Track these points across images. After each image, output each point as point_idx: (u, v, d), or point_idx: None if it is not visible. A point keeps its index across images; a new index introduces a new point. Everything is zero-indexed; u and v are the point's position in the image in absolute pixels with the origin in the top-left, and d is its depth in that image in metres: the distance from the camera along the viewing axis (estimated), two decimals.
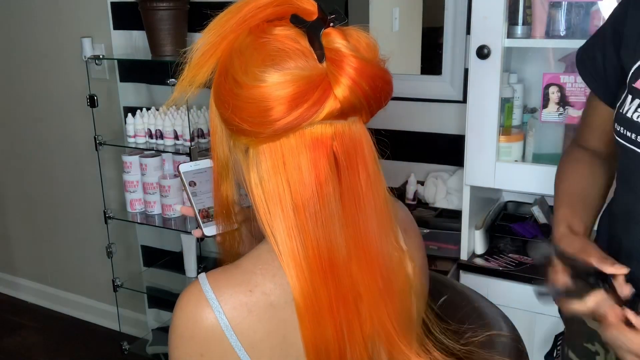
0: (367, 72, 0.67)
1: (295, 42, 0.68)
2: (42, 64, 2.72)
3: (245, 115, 0.68)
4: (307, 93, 0.65)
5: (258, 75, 0.66)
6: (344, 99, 0.66)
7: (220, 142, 0.76)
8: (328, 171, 0.69)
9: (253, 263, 0.73)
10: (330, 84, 0.66)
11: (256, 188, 0.71)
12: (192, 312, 0.70)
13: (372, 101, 0.69)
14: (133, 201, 2.27)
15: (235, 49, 0.71)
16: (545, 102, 1.60)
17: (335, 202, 0.70)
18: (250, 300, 0.70)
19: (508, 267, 1.66)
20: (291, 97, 0.65)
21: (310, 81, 0.66)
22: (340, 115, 0.68)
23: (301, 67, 0.66)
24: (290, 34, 0.68)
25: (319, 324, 0.70)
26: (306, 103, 0.65)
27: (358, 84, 0.66)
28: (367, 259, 0.72)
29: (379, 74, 0.69)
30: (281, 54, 0.67)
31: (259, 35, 0.69)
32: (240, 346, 0.70)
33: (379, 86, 0.69)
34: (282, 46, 0.67)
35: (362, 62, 0.66)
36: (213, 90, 0.74)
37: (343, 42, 0.66)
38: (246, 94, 0.67)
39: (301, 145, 0.68)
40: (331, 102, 0.66)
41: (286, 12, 0.70)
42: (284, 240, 0.69)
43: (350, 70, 0.65)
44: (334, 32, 0.67)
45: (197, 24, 2.07)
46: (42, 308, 3.14)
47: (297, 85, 0.65)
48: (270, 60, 0.67)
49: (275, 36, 0.68)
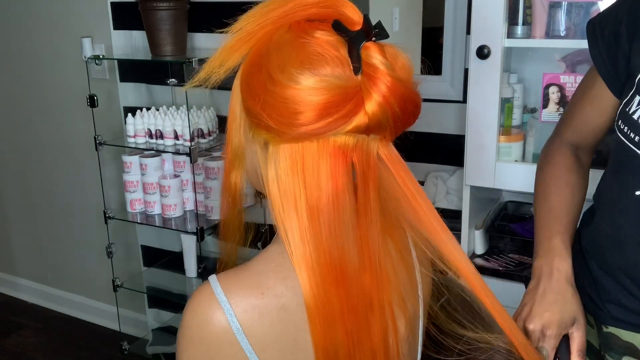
0: (399, 92, 0.66)
1: (335, 49, 0.67)
2: (42, 64, 2.72)
3: (274, 113, 0.67)
4: (340, 104, 0.65)
5: (294, 75, 0.65)
6: (373, 115, 0.66)
7: (237, 131, 0.75)
8: (345, 181, 0.69)
9: (264, 265, 0.73)
10: (362, 99, 0.65)
11: (273, 185, 0.70)
12: (203, 314, 0.70)
13: (399, 122, 0.68)
14: (133, 201, 2.27)
15: (274, 42, 0.70)
16: (545, 102, 1.61)
17: (351, 214, 0.69)
18: (262, 303, 0.70)
19: (508, 267, 1.66)
20: (323, 106, 0.65)
21: (345, 92, 0.65)
22: (365, 130, 0.67)
23: (337, 76, 0.65)
24: (331, 40, 0.67)
25: (330, 328, 0.70)
26: (337, 114, 0.65)
27: (389, 102, 0.66)
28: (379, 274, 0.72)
29: (411, 97, 0.68)
30: (320, 59, 0.66)
31: (299, 35, 0.68)
32: (251, 349, 0.69)
33: (408, 108, 0.68)
34: (322, 51, 0.67)
35: (397, 81, 0.66)
36: (242, 79, 0.72)
37: (381, 58, 0.66)
38: (279, 92, 0.66)
39: (323, 151, 0.67)
40: (360, 117, 0.65)
41: (330, 15, 0.69)
42: (297, 242, 0.69)
43: (384, 88, 0.65)
44: (373, 47, 0.66)
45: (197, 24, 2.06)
46: (42, 308, 3.14)
47: (331, 95, 0.64)
48: (308, 63, 0.66)
49: (316, 39, 0.67)
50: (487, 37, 1.56)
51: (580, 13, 1.54)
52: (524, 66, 1.77)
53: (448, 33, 1.93)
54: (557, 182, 1.06)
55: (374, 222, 0.71)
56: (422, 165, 2.06)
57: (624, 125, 0.92)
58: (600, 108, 1.02)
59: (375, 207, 0.71)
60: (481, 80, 1.59)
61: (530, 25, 1.60)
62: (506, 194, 1.93)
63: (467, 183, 1.69)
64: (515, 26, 1.60)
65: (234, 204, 0.83)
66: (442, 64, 1.96)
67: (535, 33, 1.59)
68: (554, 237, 1.02)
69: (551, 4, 1.55)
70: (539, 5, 1.56)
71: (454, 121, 1.98)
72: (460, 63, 1.93)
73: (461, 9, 1.88)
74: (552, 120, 1.60)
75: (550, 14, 1.57)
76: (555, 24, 1.57)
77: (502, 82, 1.59)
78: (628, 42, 0.94)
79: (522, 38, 1.61)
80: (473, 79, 1.61)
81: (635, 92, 0.91)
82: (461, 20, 1.90)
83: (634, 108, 0.90)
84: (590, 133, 1.07)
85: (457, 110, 1.96)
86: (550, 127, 1.64)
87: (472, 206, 1.71)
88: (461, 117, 1.82)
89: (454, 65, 1.94)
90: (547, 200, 1.07)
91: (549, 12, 1.56)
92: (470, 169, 1.67)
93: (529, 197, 1.86)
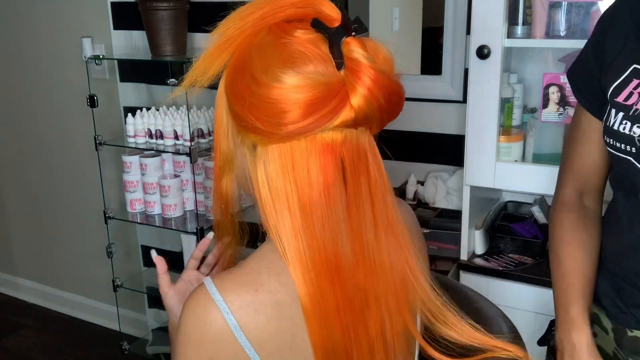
0: (383, 84, 0.67)
1: (317, 46, 0.68)
2: (42, 64, 2.72)
3: (261, 114, 0.67)
4: (325, 100, 0.65)
5: (278, 75, 0.66)
6: (359, 109, 0.66)
7: (224, 136, 0.76)
8: (336, 176, 0.69)
9: (257, 263, 0.73)
10: (347, 93, 0.66)
11: (263, 187, 0.70)
12: (200, 314, 0.70)
13: (384, 114, 0.69)
14: (133, 201, 2.27)
15: (255, 45, 0.70)
16: (545, 102, 1.61)
17: (342, 208, 0.70)
18: (256, 299, 0.70)
19: (508, 267, 1.66)
20: (308, 103, 0.65)
21: (329, 88, 0.66)
22: (353, 124, 0.68)
23: (321, 73, 0.66)
24: (312, 38, 0.68)
25: (326, 325, 0.70)
26: (323, 110, 0.66)
27: (374, 95, 0.66)
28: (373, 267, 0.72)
29: (394, 88, 0.69)
30: (302, 57, 0.67)
31: (280, 36, 0.69)
32: (250, 346, 0.69)
33: (393, 100, 0.69)
34: (303, 49, 0.67)
35: (380, 74, 0.66)
36: (226, 84, 0.73)
37: (362, 52, 0.66)
38: (264, 93, 0.67)
39: (311, 149, 0.68)
40: (346, 111, 0.66)
41: (307, 14, 0.69)
42: (290, 240, 0.69)
43: (368, 81, 0.66)
44: (353, 42, 0.67)
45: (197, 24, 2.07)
46: (42, 308, 3.14)
47: (316, 91, 0.65)
48: (291, 62, 0.66)
49: (297, 38, 0.68)
50: (487, 37, 1.56)
51: (580, 13, 1.54)
52: (524, 66, 1.77)
53: (448, 33, 1.93)
54: (567, 244, 1.07)
55: (366, 214, 0.71)
56: (422, 165, 2.06)
57: (609, 138, 0.95)
58: (593, 140, 1.03)
59: (367, 198, 0.71)
60: (481, 80, 1.59)
61: (530, 25, 1.60)
62: (506, 194, 1.93)
63: (467, 183, 1.69)
64: (515, 26, 1.60)
65: (227, 209, 0.83)
66: (442, 64, 1.96)
67: (535, 33, 1.59)
68: (570, 307, 1.04)
69: (551, 4, 1.55)
70: (539, 5, 1.56)
71: (454, 121, 1.98)
72: (460, 63, 1.93)
73: (461, 9, 1.88)
74: (552, 120, 1.61)
75: (550, 14, 1.56)
76: (555, 24, 1.57)
77: (502, 82, 1.59)
78: (597, 65, 0.99)
79: (522, 38, 1.61)
80: (473, 79, 1.61)
81: (611, 106, 0.95)
82: (461, 20, 1.90)
83: (612, 120, 0.94)
84: (591, 172, 1.07)
85: (457, 110, 1.96)
86: (550, 127, 1.64)
87: (472, 206, 1.70)
88: (461, 117, 1.82)
89: (454, 65, 1.94)
90: (560, 264, 1.08)
91: (548, 12, 1.56)
92: (470, 169, 1.67)
93: (529, 197, 1.86)
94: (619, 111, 0.93)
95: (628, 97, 0.92)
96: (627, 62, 0.93)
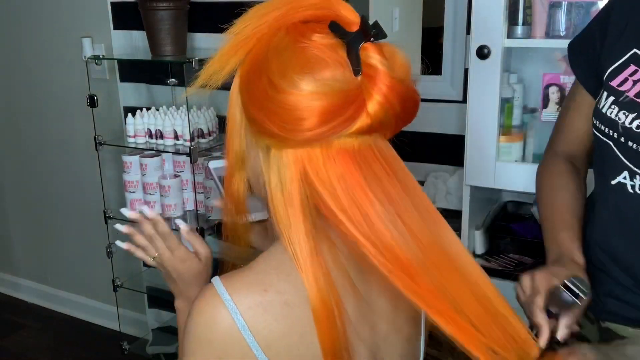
0: (399, 91, 0.66)
1: (334, 51, 0.67)
2: (42, 64, 2.72)
3: (277, 120, 0.67)
4: (342, 108, 0.65)
5: (295, 81, 0.65)
6: (375, 116, 0.66)
7: (237, 135, 0.75)
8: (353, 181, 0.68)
9: (266, 263, 0.73)
10: (364, 101, 0.65)
11: (276, 191, 0.70)
12: (209, 314, 0.70)
13: (400, 121, 0.69)
14: (133, 201, 2.27)
15: (272, 47, 0.69)
16: (545, 102, 1.61)
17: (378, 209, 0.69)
18: (265, 300, 0.70)
19: (508, 267, 1.66)
20: (326, 110, 0.65)
21: (346, 95, 0.65)
22: (368, 131, 0.68)
23: (338, 80, 0.65)
24: (330, 43, 0.67)
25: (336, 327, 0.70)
26: (340, 117, 0.65)
27: (390, 102, 0.66)
28: None
29: (410, 95, 0.69)
30: (320, 63, 0.66)
31: (297, 39, 0.68)
32: (258, 346, 0.69)
33: (409, 107, 0.69)
34: (321, 54, 0.66)
35: (397, 81, 0.66)
36: (241, 85, 0.72)
37: (380, 58, 0.66)
38: (281, 99, 0.66)
39: (326, 155, 0.68)
40: (363, 118, 0.66)
41: (326, 16, 0.68)
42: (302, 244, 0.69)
43: (385, 88, 0.65)
44: (371, 47, 0.66)
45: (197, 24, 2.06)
46: (42, 308, 3.14)
47: (334, 99, 0.64)
48: (309, 68, 0.66)
49: (314, 43, 0.67)
50: (487, 37, 1.56)
51: (580, 13, 1.54)
52: (524, 66, 1.77)
53: (448, 33, 1.93)
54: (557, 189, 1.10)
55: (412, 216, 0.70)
56: (422, 165, 2.06)
57: (596, 121, 0.99)
58: (585, 114, 1.06)
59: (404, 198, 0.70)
60: (481, 80, 1.59)
61: (530, 25, 1.60)
62: (506, 194, 1.93)
63: (467, 183, 1.69)
64: (515, 26, 1.60)
65: (238, 209, 0.83)
66: (442, 64, 1.96)
67: (535, 33, 1.59)
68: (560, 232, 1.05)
69: (551, 4, 1.55)
70: (539, 5, 1.56)
71: (454, 121, 1.98)
72: (460, 63, 1.93)
73: (461, 9, 1.88)
74: (552, 120, 1.60)
75: (550, 14, 1.57)
76: (555, 24, 1.57)
77: (502, 82, 1.59)
78: (600, 41, 1.00)
79: (522, 38, 1.61)
80: (473, 79, 1.61)
81: (604, 89, 0.97)
82: (461, 20, 1.90)
83: (603, 103, 0.96)
84: (580, 141, 1.11)
85: (457, 110, 1.96)
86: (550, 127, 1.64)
87: (472, 206, 1.71)
88: (461, 117, 1.82)
89: (454, 65, 1.94)
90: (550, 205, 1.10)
91: (549, 12, 1.56)
92: (470, 169, 1.67)
93: (529, 197, 1.86)
94: (610, 95, 0.95)
95: (622, 83, 0.94)
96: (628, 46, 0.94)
